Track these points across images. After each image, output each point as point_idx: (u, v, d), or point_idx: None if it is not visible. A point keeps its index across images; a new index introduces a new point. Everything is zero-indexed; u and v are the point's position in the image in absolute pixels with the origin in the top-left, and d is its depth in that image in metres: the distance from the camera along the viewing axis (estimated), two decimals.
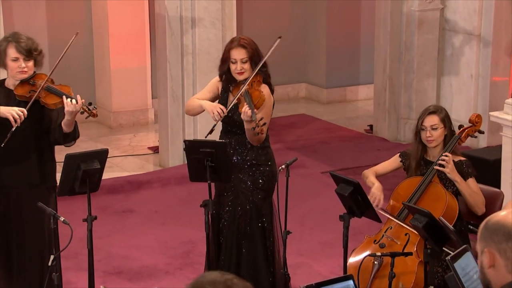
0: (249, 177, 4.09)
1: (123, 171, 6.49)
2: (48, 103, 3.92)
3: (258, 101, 3.97)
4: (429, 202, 4.01)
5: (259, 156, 4.11)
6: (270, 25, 8.20)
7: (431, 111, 4.14)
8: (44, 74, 4.00)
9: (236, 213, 4.09)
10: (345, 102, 8.47)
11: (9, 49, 3.87)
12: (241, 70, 4.03)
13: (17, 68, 3.88)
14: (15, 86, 3.93)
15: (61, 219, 3.57)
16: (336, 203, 4.07)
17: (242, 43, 4.03)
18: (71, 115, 3.89)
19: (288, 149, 6.87)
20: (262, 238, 4.11)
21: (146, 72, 7.55)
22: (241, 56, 4.02)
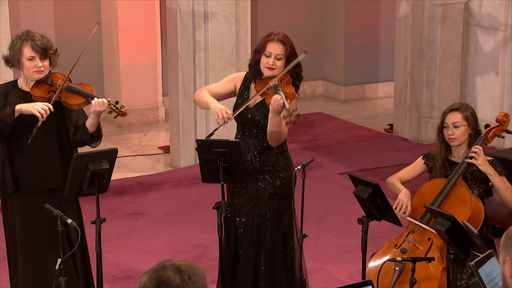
0: (268, 183, 4.06)
1: (132, 171, 6.52)
2: (71, 104, 3.91)
3: (289, 96, 3.90)
4: (453, 205, 3.99)
5: (279, 161, 4.07)
6: (286, 19, 8.20)
7: (453, 108, 4.12)
8: (60, 73, 3.99)
9: (255, 222, 4.07)
10: (364, 100, 8.46)
11: (24, 48, 3.87)
12: (272, 65, 3.97)
13: (33, 67, 3.88)
14: (31, 87, 3.93)
15: (69, 221, 3.59)
16: (354, 205, 4.06)
17: (281, 38, 3.99)
18: (97, 114, 3.91)
19: (304, 149, 6.87)
20: (282, 247, 4.09)
21: (156, 68, 7.57)
22: (278, 51, 3.97)
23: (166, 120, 7.55)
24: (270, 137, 3.99)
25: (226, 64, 6.36)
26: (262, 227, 4.07)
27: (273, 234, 4.07)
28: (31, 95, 3.90)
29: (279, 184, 4.06)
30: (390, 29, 7.94)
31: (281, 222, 4.08)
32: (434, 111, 7.14)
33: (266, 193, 4.07)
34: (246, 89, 4.08)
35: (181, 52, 6.39)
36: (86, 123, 3.95)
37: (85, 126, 3.95)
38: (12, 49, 3.92)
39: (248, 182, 4.08)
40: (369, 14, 8.29)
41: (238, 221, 4.09)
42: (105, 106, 3.89)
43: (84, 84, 4.01)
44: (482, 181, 4.09)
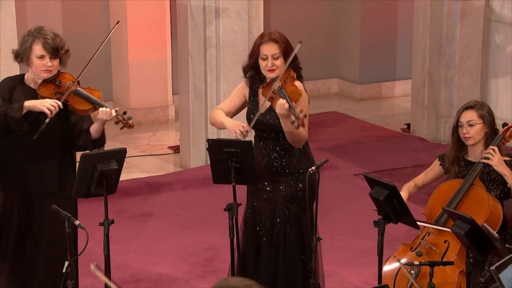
0: (290, 186, 4.06)
1: (141, 172, 6.54)
2: (77, 109, 3.93)
3: (294, 96, 3.92)
4: (470, 207, 3.99)
5: (301, 163, 4.07)
6: (300, 15, 8.20)
7: (468, 106, 4.11)
8: (68, 73, 4.00)
9: (275, 225, 4.08)
10: (380, 99, 8.44)
11: (35, 46, 3.88)
12: (272, 67, 3.98)
13: (42, 66, 3.89)
14: (37, 85, 3.94)
15: (76, 222, 3.61)
16: (370, 207, 4.06)
17: (273, 37, 3.99)
18: (102, 122, 3.93)
19: (319, 150, 6.86)
20: (300, 252, 4.10)
21: (166, 66, 7.59)
22: (273, 51, 3.98)
23: (176, 119, 7.57)
24: (290, 139, 4.01)
25: (238, 61, 6.36)
26: (281, 230, 4.07)
27: (291, 239, 4.08)
28: (38, 94, 3.92)
29: (301, 187, 4.06)
30: (407, 26, 7.92)
31: (300, 226, 4.09)
32: (453, 110, 7.11)
33: (287, 195, 4.07)
34: (255, 95, 4.10)
35: (192, 49, 6.40)
36: (90, 128, 3.96)
37: (89, 131, 3.97)
38: (22, 45, 3.93)
39: (269, 184, 4.08)
40: (386, 10, 8.28)
41: (259, 223, 4.10)
42: (112, 116, 3.91)
43: (93, 89, 4.01)
44: (499, 182, 4.08)
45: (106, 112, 3.90)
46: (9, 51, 5.95)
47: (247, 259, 4.14)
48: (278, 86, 3.93)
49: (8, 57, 5.95)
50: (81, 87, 3.98)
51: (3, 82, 4.01)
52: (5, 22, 5.85)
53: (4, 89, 3.94)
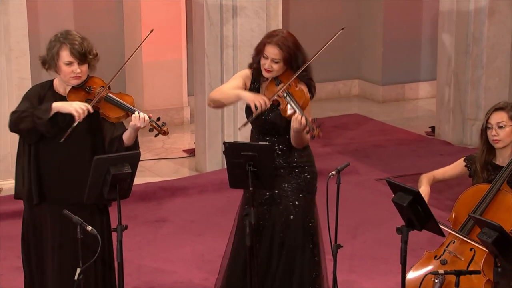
0: (292, 180, 4.12)
1: (155, 176, 6.57)
2: (110, 116, 3.92)
3: (303, 102, 3.98)
4: (497, 213, 3.97)
5: (302, 157, 4.15)
6: (320, 13, 8.20)
7: (498, 107, 4.09)
8: (98, 78, 3.99)
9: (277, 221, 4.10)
10: (404, 100, 8.42)
11: (62, 52, 3.86)
12: (269, 68, 4.06)
13: (71, 73, 3.87)
14: (67, 92, 3.93)
15: (89, 228, 3.63)
16: (393, 214, 4.05)
17: (278, 42, 4.03)
18: (135, 130, 3.91)
19: (339, 153, 6.86)
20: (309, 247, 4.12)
21: (181, 66, 7.62)
22: (273, 56, 4.04)
23: (191, 121, 7.59)
24: (295, 142, 4.08)
25: None
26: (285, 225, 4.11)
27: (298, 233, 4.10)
28: (67, 101, 3.90)
29: (303, 181, 4.13)
30: (432, 24, 7.90)
31: (306, 219, 4.13)
32: (480, 112, 7.08)
33: (291, 189, 4.12)
34: (256, 90, 4.14)
35: (208, 48, 6.42)
36: (123, 136, 3.95)
37: (121, 138, 3.95)
38: (49, 51, 3.90)
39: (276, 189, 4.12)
40: (410, 8, 8.25)
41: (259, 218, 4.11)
42: (146, 122, 3.89)
43: (124, 94, 3.99)
44: None
45: (140, 119, 3.87)
46: (21, 51, 6.07)
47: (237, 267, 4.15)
48: (285, 90, 3.97)
49: (20, 56, 6.02)
50: (112, 93, 3.96)
51: (31, 90, 4.01)
52: (16, 20, 5.90)
53: (33, 96, 3.93)
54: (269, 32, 4.18)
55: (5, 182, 5.91)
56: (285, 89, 3.99)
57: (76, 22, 7.34)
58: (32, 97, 3.94)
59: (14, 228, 5.49)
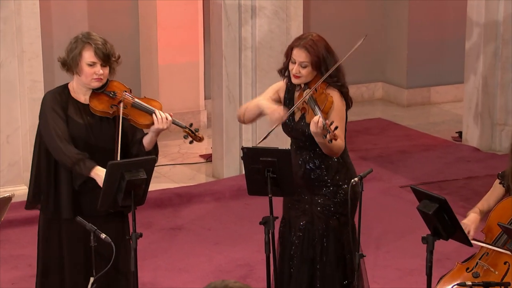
0: (327, 199, 4.07)
1: (171, 182, 6.59)
2: (140, 123, 3.90)
3: (325, 105, 3.95)
4: None
5: (340, 174, 4.07)
6: (343, 14, 8.20)
7: None
8: (118, 81, 3.98)
9: (310, 241, 4.09)
10: (429, 104, 8.39)
11: (85, 52, 3.85)
12: (297, 73, 4.02)
13: (93, 74, 3.85)
14: (89, 98, 3.90)
15: (102, 236, 3.65)
16: (418, 222, 4.03)
17: (306, 45, 3.99)
18: (157, 133, 3.91)
19: (362, 159, 6.84)
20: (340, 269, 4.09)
21: (198, 68, 7.64)
22: (301, 59, 4.00)
23: (208, 126, 7.61)
24: (325, 151, 4.02)
25: (275, 64, 6.37)
26: (318, 245, 4.07)
27: (329, 256, 4.07)
28: (90, 108, 3.88)
29: (339, 201, 4.07)
30: (459, 25, 7.86)
31: (339, 242, 4.09)
32: (510, 117, 7.04)
33: (324, 209, 4.07)
34: (291, 98, 4.12)
35: (226, 50, 6.44)
36: (143, 140, 3.95)
37: (141, 142, 3.95)
38: (71, 52, 3.88)
39: (305, 195, 4.10)
40: (436, 8, 8.23)
41: (294, 233, 4.11)
42: (169, 123, 3.88)
43: (150, 99, 3.98)
44: None
45: (162, 120, 3.85)
46: (33, 52, 6.11)
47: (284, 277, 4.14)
48: (309, 96, 3.96)
49: (32, 58, 6.07)
50: (138, 98, 3.95)
51: (51, 100, 3.92)
52: (29, 21, 5.95)
53: (58, 108, 3.88)
54: (297, 37, 4.14)
55: (16, 188, 5.94)
56: (310, 95, 3.96)
57: (90, 22, 7.38)
58: (58, 109, 3.88)
59: (25, 236, 5.53)
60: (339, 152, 4.03)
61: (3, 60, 5.89)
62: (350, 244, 4.07)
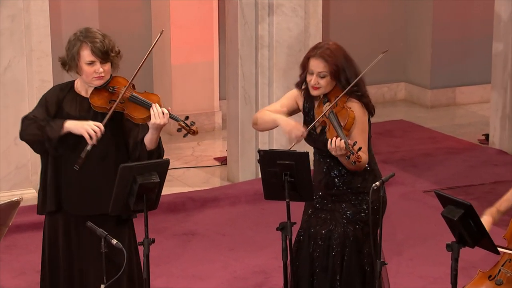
0: (352, 207, 4.06)
1: (184, 185, 6.60)
2: (135, 117, 3.90)
3: (347, 121, 3.92)
4: None
5: (367, 181, 4.06)
6: (363, 11, 8.19)
7: None
8: (122, 77, 3.99)
9: (331, 250, 4.08)
10: (454, 105, 8.36)
11: (83, 51, 3.87)
12: (315, 85, 3.99)
13: (93, 73, 3.87)
14: (90, 94, 3.93)
15: (114, 241, 3.66)
16: (442, 229, 4.02)
17: (323, 54, 3.96)
18: (157, 129, 3.89)
19: (383, 163, 6.82)
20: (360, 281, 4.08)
21: (213, 68, 7.66)
22: (319, 69, 3.98)
23: (223, 128, 7.62)
24: (348, 168, 4.01)
25: (293, 63, 6.38)
26: (338, 255, 4.06)
27: (351, 267, 4.06)
28: (90, 103, 3.91)
29: (365, 209, 4.06)
30: (486, 23, 7.83)
31: (361, 253, 4.08)
32: None
33: (348, 217, 4.06)
34: (311, 108, 4.11)
35: (242, 49, 6.44)
36: (145, 139, 3.95)
37: (143, 141, 3.95)
38: (69, 51, 3.92)
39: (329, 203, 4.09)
40: (461, 5, 8.20)
41: (313, 245, 4.10)
42: (166, 117, 3.87)
43: (149, 93, 3.98)
44: None
45: (158, 114, 3.84)
46: (42, 51, 6.14)
47: (300, 285, 4.13)
48: (329, 110, 3.94)
49: (41, 57, 6.10)
50: (137, 92, 3.96)
51: (50, 93, 4.01)
52: (38, 19, 5.97)
53: (51, 101, 3.95)
54: (313, 46, 4.10)
55: (24, 191, 5.98)
56: (331, 109, 3.93)
57: (101, 21, 7.42)
58: (50, 102, 3.95)
59: (33, 241, 5.55)
60: (363, 167, 4.01)
61: (11, 59, 5.92)
62: (371, 256, 4.06)
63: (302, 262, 4.14)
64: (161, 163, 3.87)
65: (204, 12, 7.49)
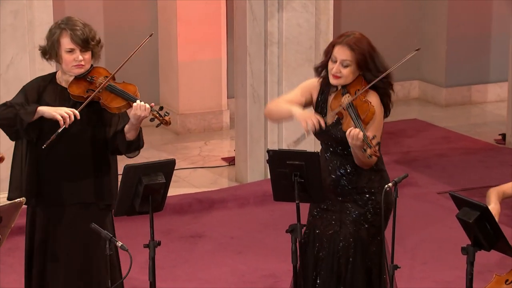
0: (358, 207, 4.06)
1: (191, 186, 6.61)
2: (110, 107, 3.99)
3: (366, 115, 3.91)
4: None
5: (372, 182, 4.06)
6: (376, 7, 8.17)
7: None
8: (103, 68, 4.09)
9: (336, 251, 4.08)
10: (470, 104, 8.34)
11: (63, 39, 3.97)
12: (336, 73, 3.98)
13: (72, 61, 3.98)
14: (68, 84, 4.04)
15: (119, 244, 3.67)
16: (457, 232, 4.01)
17: (350, 42, 3.95)
18: (137, 120, 3.96)
19: (396, 163, 6.82)
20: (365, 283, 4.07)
21: (221, 66, 7.66)
22: (343, 56, 3.95)
23: (231, 127, 7.62)
24: (357, 162, 4.00)
25: (303, 60, 6.38)
26: (343, 258, 4.06)
27: (355, 268, 4.06)
28: (69, 93, 4.01)
29: (371, 210, 4.05)
30: (503, 19, 7.81)
31: (366, 255, 4.07)
32: None
33: (353, 217, 4.06)
34: (324, 101, 4.09)
35: (250, 46, 6.44)
36: (125, 129, 4.02)
37: (123, 131, 4.03)
38: (49, 39, 4.02)
39: (334, 204, 4.09)
40: (477, 1, 8.18)
41: (318, 246, 4.10)
42: (147, 111, 3.93)
43: (127, 83, 4.07)
44: None
45: (140, 107, 3.92)
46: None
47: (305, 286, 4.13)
48: (348, 102, 3.92)
49: None
50: (116, 82, 4.05)
51: (31, 82, 4.12)
52: (41, 15, 5.99)
53: (31, 90, 4.05)
54: (339, 34, 4.07)
55: None
56: (350, 101, 3.91)
57: (106, 17, 7.43)
58: (30, 90, 4.04)
59: None
60: (371, 164, 4.01)
61: (14, 56, 5.94)
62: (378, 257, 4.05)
63: (307, 263, 4.14)
64: (167, 163, 3.88)
65: (212, 8, 7.49)
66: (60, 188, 4.04)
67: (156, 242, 3.84)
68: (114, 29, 7.27)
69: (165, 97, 7.78)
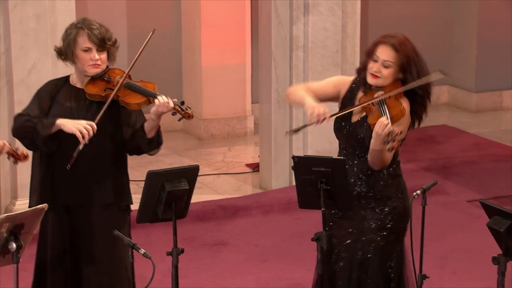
0: (375, 214, 4.05)
1: (214, 193, 6.62)
2: (130, 103, 4.02)
3: (396, 114, 3.90)
4: None
5: (389, 187, 4.05)
6: (405, 11, 8.16)
7: None
8: (119, 69, 4.13)
9: (355, 260, 4.08)
10: (501, 110, 8.30)
11: (79, 38, 4.01)
12: (375, 72, 3.95)
13: (89, 60, 4.01)
14: (85, 84, 4.07)
15: (141, 251, 3.68)
16: (488, 241, 3.99)
17: (395, 42, 3.93)
18: (158, 116, 4.00)
19: (424, 170, 6.80)
20: None
21: (245, 70, 7.67)
22: (386, 57, 3.93)
23: (255, 132, 7.63)
24: (371, 158, 3.98)
25: (330, 65, 6.38)
26: (362, 266, 4.05)
27: (374, 277, 4.05)
28: (85, 92, 4.04)
29: (388, 216, 4.04)
30: None
31: (386, 263, 4.06)
32: None
33: (371, 225, 4.05)
34: (352, 98, 4.08)
35: (275, 51, 6.45)
36: (145, 126, 4.05)
37: (143, 129, 4.05)
38: (65, 39, 4.07)
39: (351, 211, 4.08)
40: (508, 3, 8.14)
41: (336, 254, 4.09)
42: (170, 107, 3.97)
43: (146, 81, 4.11)
44: None
45: (163, 103, 3.94)
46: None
47: None
48: (380, 99, 3.91)
49: None
50: (133, 80, 4.09)
51: (44, 86, 4.16)
52: (63, 18, 6.02)
53: (45, 95, 4.09)
54: (384, 34, 4.04)
55: None
56: (382, 98, 3.90)
57: (129, 20, 7.48)
58: (43, 96, 4.08)
59: None
60: (385, 165, 3.99)
61: (36, 61, 5.98)
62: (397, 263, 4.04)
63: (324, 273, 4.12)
64: (191, 170, 3.90)
65: (236, 11, 7.51)
66: (78, 188, 4.05)
67: (179, 249, 3.85)
68: (137, 31, 7.29)
69: (189, 102, 7.69)
